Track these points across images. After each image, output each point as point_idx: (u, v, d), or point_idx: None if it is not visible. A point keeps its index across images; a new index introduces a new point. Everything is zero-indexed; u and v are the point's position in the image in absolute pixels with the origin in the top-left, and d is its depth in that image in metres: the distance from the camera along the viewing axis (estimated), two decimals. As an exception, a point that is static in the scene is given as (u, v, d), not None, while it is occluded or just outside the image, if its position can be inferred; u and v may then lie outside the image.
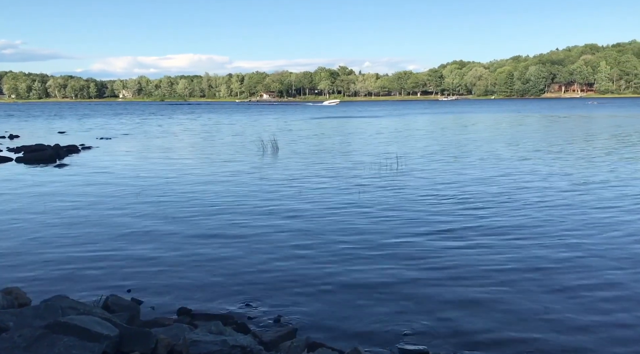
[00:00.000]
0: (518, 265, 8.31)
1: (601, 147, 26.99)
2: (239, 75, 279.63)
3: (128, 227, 11.16)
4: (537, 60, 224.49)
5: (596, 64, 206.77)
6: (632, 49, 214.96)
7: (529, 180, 16.55)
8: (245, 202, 13.58)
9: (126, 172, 19.51)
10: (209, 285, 7.73)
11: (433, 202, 13.17)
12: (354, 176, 17.74)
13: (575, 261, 8.58)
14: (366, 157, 23.54)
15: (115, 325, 4.50)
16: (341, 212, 12.27)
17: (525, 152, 24.88)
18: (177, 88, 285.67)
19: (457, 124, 51.84)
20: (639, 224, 10.93)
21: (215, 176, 18.33)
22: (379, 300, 7.06)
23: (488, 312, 6.61)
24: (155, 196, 14.59)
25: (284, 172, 18.97)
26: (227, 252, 9.27)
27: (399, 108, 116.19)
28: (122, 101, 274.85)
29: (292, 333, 5.84)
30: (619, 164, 19.99)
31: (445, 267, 8.30)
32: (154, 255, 9.22)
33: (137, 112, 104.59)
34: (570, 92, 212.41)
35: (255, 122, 61.08)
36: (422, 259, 8.70)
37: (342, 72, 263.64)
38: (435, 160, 22.12)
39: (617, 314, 6.56)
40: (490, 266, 8.28)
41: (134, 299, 7.08)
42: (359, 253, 9.12)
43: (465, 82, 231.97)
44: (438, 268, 8.25)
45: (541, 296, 7.07)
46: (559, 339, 5.89)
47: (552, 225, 10.81)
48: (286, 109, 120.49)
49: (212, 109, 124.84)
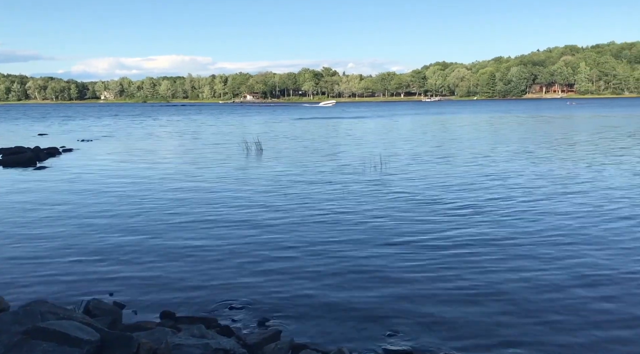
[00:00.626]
0: (503, 267, 8.35)
1: (581, 148, 27.38)
2: (223, 77, 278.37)
3: (109, 231, 11.03)
4: (518, 61, 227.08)
5: (576, 65, 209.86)
6: (610, 50, 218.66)
7: (515, 182, 16.71)
8: (229, 205, 13.50)
9: (107, 175, 19.29)
10: (193, 288, 7.66)
11: (417, 205, 13.23)
12: (338, 178, 17.75)
13: (560, 264, 8.67)
14: (351, 158, 23.57)
15: (96, 329, 4.44)
16: (325, 214, 12.25)
17: (509, 153, 25.12)
18: (160, 89, 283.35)
19: (442, 125, 52.19)
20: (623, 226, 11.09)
21: (200, 179, 18.21)
22: (362, 301, 7.06)
23: (471, 313, 6.65)
24: (137, 199, 14.44)
25: (268, 175, 18.92)
26: (210, 256, 9.21)
27: (387, 109, 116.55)
28: (103, 102, 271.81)
29: (276, 335, 5.81)
30: (598, 164, 20.30)
31: (429, 269, 8.33)
32: (137, 259, 9.12)
33: (119, 113, 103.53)
34: (551, 93, 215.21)
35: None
36: (406, 261, 8.73)
37: (326, 73, 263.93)
38: (420, 162, 22.23)
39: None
40: (474, 268, 8.32)
41: (116, 303, 6.99)
42: (343, 255, 9.11)
43: (448, 83, 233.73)
44: (421, 270, 8.28)
45: (527, 298, 7.10)
46: (546, 340, 5.93)
47: (538, 228, 10.86)
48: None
49: (197, 110, 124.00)
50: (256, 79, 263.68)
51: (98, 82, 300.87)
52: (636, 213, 11.82)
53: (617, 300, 7.00)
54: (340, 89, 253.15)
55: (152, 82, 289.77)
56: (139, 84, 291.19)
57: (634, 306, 6.80)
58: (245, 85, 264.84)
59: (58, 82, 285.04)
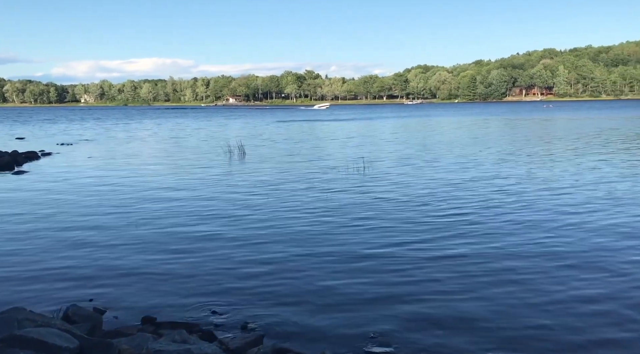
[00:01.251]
0: (488, 270, 8.40)
1: (557, 148, 27.79)
2: (205, 79, 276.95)
3: (89, 236, 10.88)
4: (498, 65, 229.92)
5: (555, 68, 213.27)
6: (588, 54, 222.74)
7: (499, 183, 16.88)
8: (210, 210, 13.40)
9: (87, 180, 19.04)
10: (175, 293, 7.59)
11: (400, 207, 13.28)
12: (322, 181, 17.76)
13: (545, 267, 8.78)
14: (334, 161, 23.61)
15: (75, 336, 4.36)
16: (308, 218, 12.24)
17: (491, 155, 25.38)
18: (141, 92, 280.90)
19: (425, 128, 52.55)
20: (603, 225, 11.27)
21: (181, 183, 18.07)
22: (345, 304, 7.06)
23: (454, 317, 6.67)
24: (117, 204, 14.27)
25: (251, 179, 18.85)
26: (193, 260, 9.13)
27: (372, 111, 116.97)
28: (84, 105, 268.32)
29: (259, 339, 5.78)
30: (565, 163, 20.62)
31: (411, 272, 8.34)
32: (118, 263, 9.01)
33: (100, 117, 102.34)
34: (531, 96, 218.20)
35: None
36: (388, 265, 8.74)
37: (308, 76, 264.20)
38: (403, 164, 22.35)
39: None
40: (457, 272, 8.35)
41: (96, 309, 6.90)
42: (325, 259, 9.11)
43: (430, 86, 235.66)
44: (404, 273, 8.29)
45: (510, 303, 7.13)
46: (529, 343, 5.98)
47: (524, 230, 10.93)
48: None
49: (179, 113, 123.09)
50: (239, 82, 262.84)
51: (78, 85, 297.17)
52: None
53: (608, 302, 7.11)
54: (323, 92, 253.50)
55: (133, 85, 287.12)
56: (120, 87, 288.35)
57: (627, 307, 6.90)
58: (228, 88, 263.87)
59: (37, 85, 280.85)
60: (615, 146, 28.11)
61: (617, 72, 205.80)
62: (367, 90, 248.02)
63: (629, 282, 7.73)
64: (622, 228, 10.77)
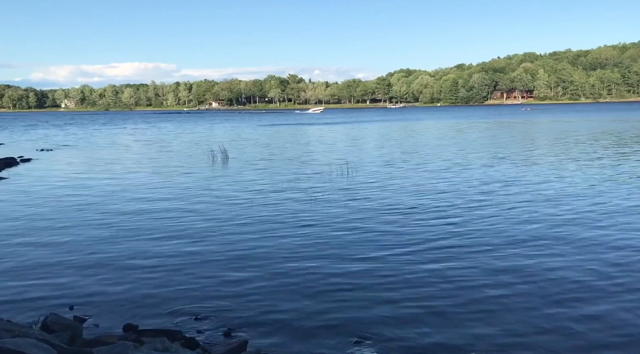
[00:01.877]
0: (472, 273, 8.45)
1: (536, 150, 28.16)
2: (187, 84, 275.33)
3: (70, 243, 10.71)
4: (480, 68, 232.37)
5: (535, 72, 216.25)
6: (567, 57, 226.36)
7: (484, 185, 17.02)
8: (192, 215, 13.29)
9: (67, 186, 18.77)
10: (157, 300, 7.50)
11: (383, 211, 13.32)
12: (305, 185, 17.75)
13: (527, 271, 8.85)
14: (318, 165, 23.60)
15: (54, 346, 4.27)
16: (292, 222, 12.21)
17: (474, 158, 25.59)
18: (123, 97, 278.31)
19: (409, 131, 52.84)
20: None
21: (162, 188, 17.91)
22: (328, 309, 7.04)
23: (438, 319, 6.70)
24: (97, 210, 14.07)
25: (233, 184, 18.76)
26: (175, 267, 9.04)
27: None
28: (64, 110, 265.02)
29: (242, 345, 5.74)
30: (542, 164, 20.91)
31: (395, 275, 8.37)
32: (99, 271, 8.88)
33: (81, 122, 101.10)
34: (512, 99, 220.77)
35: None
36: (371, 268, 8.75)
37: (292, 80, 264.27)
38: (387, 168, 22.43)
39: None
40: (441, 275, 8.39)
41: (77, 318, 6.79)
42: (308, 263, 9.09)
43: (412, 90, 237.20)
44: (386, 277, 8.30)
45: (499, 305, 7.18)
46: (512, 346, 6.02)
47: (508, 233, 11.01)
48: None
49: (162, 118, 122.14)
50: (221, 86, 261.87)
51: (58, 90, 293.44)
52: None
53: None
54: (306, 96, 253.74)
55: (114, 89, 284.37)
56: (101, 91, 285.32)
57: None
58: (211, 93, 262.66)
59: (15, 90, 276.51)
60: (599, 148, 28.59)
61: (596, 75, 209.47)
62: (351, 94, 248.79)
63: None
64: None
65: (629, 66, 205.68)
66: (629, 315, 6.67)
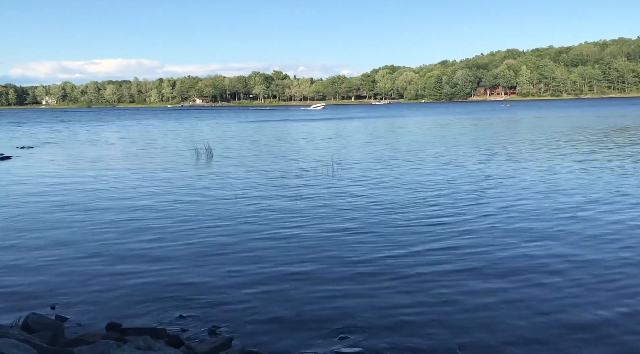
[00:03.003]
0: (456, 268, 8.49)
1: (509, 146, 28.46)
2: (171, 80, 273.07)
3: (50, 242, 10.56)
4: (463, 65, 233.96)
5: (518, 68, 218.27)
6: (549, 54, 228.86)
7: (468, 182, 17.14)
8: (175, 213, 13.17)
9: (48, 184, 18.50)
10: (141, 299, 7.43)
11: (369, 209, 13.34)
12: (291, 183, 17.72)
13: (510, 266, 8.93)
14: (303, 162, 23.57)
15: (34, 346, 4.21)
16: (276, 219, 12.17)
17: (457, 154, 25.76)
18: (105, 94, 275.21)
19: (395, 127, 53.01)
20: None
21: (145, 186, 17.74)
22: (314, 305, 7.04)
23: (423, 316, 6.71)
24: (79, 208, 13.88)
25: (217, 181, 18.67)
26: (159, 264, 8.96)
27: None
28: (45, 107, 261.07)
29: (227, 343, 5.70)
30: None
31: (379, 271, 8.37)
32: (81, 270, 8.77)
33: (63, 119, 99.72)
34: (495, 95, 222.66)
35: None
36: (356, 264, 8.76)
37: (276, 76, 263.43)
38: (373, 164, 22.48)
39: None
40: (425, 272, 8.41)
41: (59, 317, 6.70)
42: (292, 259, 9.07)
43: (397, 86, 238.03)
44: (372, 273, 8.32)
45: (478, 299, 7.23)
46: (495, 340, 6.07)
47: (490, 229, 11.11)
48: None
49: (146, 114, 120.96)
50: (206, 83, 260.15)
51: (39, 87, 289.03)
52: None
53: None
54: (291, 93, 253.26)
55: (96, 86, 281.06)
56: (83, 88, 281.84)
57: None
58: (195, 89, 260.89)
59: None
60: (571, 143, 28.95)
61: (577, 72, 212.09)
62: (335, 90, 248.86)
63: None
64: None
65: (610, 63, 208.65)
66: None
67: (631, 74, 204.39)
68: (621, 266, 8.32)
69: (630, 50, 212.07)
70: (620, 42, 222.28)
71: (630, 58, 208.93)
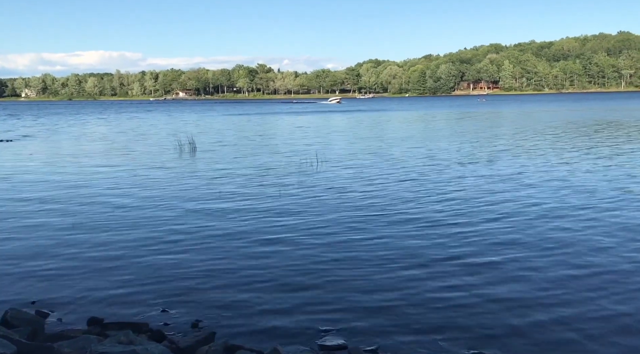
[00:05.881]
0: (440, 259, 8.56)
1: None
2: (153, 73, 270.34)
3: (30, 236, 10.40)
4: (447, 59, 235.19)
5: (500, 63, 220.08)
6: (531, 49, 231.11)
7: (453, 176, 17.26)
8: (156, 208, 13.03)
9: (28, 177, 18.21)
10: (124, 293, 7.36)
11: (351, 201, 13.38)
12: (273, 176, 17.69)
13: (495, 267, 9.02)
14: (287, 156, 23.52)
15: (13, 342, 4.15)
16: (260, 213, 12.13)
17: (440, 149, 25.92)
18: (86, 86, 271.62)
19: (379, 122, 53.13)
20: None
21: (126, 179, 17.56)
22: (296, 299, 7.03)
23: (404, 308, 6.75)
24: (58, 202, 13.68)
25: (202, 173, 18.55)
26: (141, 259, 8.88)
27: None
28: (25, 100, 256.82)
29: (210, 337, 5.68)
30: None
31: (363, 264, 8.38)
32: (62, 264, 8.65)
33: (43, 112, 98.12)
34: (478, 90, 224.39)
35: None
36: (339, 257, 8.77)
37: (261, 70, 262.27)
38: (356, 158, 22.53)
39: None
40: (407, 264, 8.46)
41: (39, 312, 6.61)
42: (276, 253, 9.05)
43: (381, 80, 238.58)
44: (355, 266, 8.33)
45: (468, 296, 7.25)
46: (478, 332, 6.12)
47: (470, 216, 11.27)
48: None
49: (129, 108, 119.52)
50: (189, 76, 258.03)
51: (18, 79, 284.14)
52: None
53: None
54: (275, 86, 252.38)
55: (77, 79, 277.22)
56: (64, 81, 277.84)
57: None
58: (178, 82, 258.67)
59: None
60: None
61: (559, 66, 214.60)
62: (320, 84, 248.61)
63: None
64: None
65: (590, 58, 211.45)
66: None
67: (611, 69, 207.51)
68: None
69: (610, 45, 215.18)
70: (601, 37, 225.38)
71: (610, 53, 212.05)
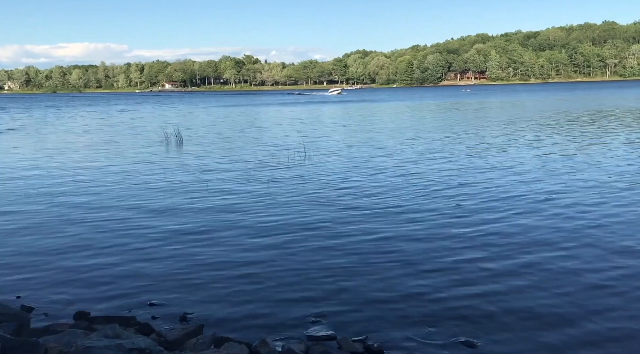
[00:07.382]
0: (429, 251, 8.59)
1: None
2: (139, 65, 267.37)
3: (13, 229, 10.29)
4: (434, 49, 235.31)
5: (487, 53, 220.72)
6: (517, 39, 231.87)
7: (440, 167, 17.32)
8: (146, 199, 12.98)
9: (12, 171, 17.97)
10: (111, 287, 7.31)
11: (339, 192, 13.39)
12: (262, 168, 17.64)
13: (483, 262, 9.09)
14: (276, 148, 23.46)
15: (-3, 337, 4.10)
16: (247, 206, 12.09)
17: (431, 139, 26.01)
18: (71, 79, 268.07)
19: (366, 113, 53.13)
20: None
21: (112, 173, 17.41)
22: (284, 291, 7.04)
23: (391, 297, 6.78)
24: (44, 196, 13.53)
25: (190, 166, 18.44)
26: (128, 252, 8.83)
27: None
28: (7, 93, 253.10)
29: (198, 329, 5.67)
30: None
31: (348, 256, 8.38)
32: (48, 258, 8.58)
33: (28, 104, 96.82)
34: (465, 80, 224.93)
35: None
36: (327, 247, 8.80)
37: (248, 61, 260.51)
38: (344, 150, 22.53)
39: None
40: (394, 254, 8.49)
41: (24, 307, 6.54)
42: (263, 244, 9.06)
43: (369, 71, 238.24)
44: (341, 255, 8.36)
45: (446, 283, 7.34)
46: (466, 322, 6.18)
47: (467, 208, 11.34)
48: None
49: (115, 100, 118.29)
50: (175, 67, 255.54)
51: (1, 71, 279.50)
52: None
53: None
54: (262, 77, 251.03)
55: (62, 71, 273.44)
56: (48, 73, 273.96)
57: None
58: (164, 74, 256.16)
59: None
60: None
61: (544, 56, 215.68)
62: (307, 75, 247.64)
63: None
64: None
65: (576, 47, 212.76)
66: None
67: (596, 58, 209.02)
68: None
69: (595, 35, 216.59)
70: (586, 27, 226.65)
71: (595, 43, 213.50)
